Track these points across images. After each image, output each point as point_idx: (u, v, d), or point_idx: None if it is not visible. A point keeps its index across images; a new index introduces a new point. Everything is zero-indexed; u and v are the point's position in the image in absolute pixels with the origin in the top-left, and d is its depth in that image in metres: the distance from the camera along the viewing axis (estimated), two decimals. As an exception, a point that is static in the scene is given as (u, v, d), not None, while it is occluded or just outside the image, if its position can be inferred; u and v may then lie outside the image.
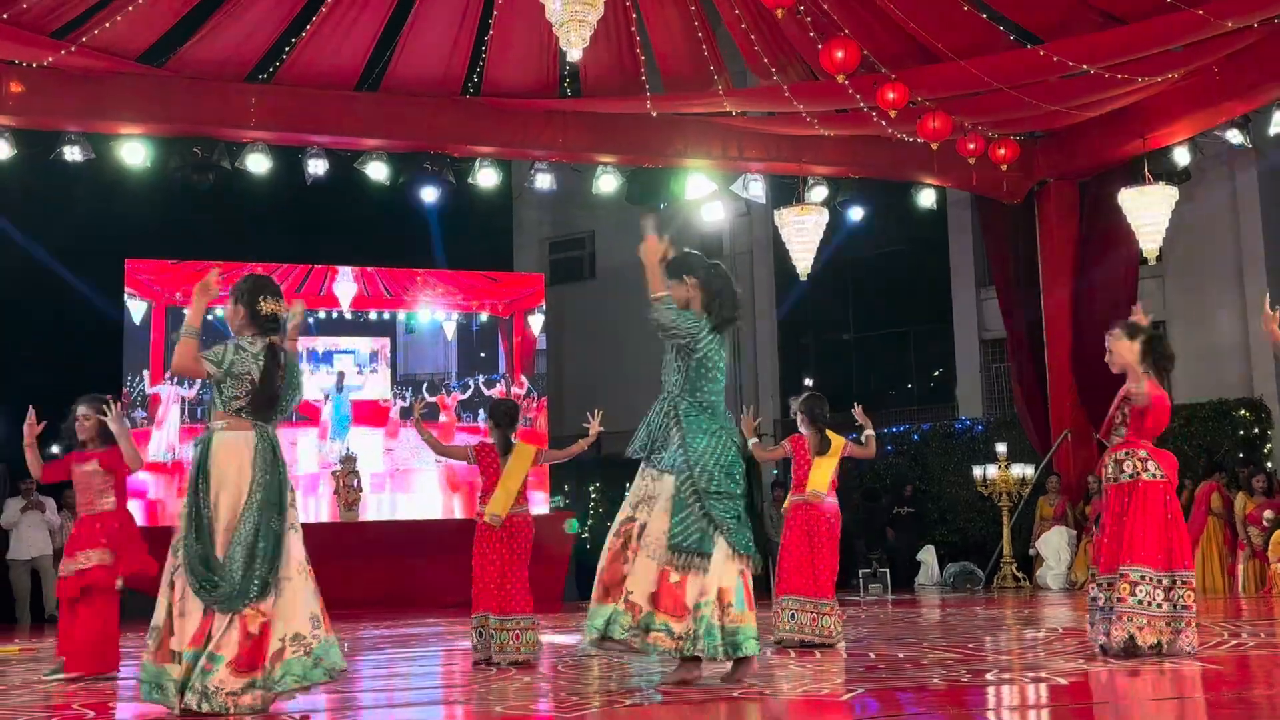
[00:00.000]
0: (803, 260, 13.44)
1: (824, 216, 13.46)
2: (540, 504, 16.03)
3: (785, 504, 7.38)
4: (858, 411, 7.44)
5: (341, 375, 15.56)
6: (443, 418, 15.84)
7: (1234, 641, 6.43)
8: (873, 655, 6.35)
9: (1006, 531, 14.08)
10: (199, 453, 4.59)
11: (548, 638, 8.69)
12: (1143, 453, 5.75)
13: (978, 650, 6.55)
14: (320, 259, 15.59)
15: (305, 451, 15.34)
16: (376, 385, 15.87)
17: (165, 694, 4.35)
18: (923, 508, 16.25)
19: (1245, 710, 4.04)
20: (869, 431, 7.40)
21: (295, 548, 4.55)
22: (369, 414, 15.75)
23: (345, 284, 15.62)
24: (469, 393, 16.16)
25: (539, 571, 13.77)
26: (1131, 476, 5.73)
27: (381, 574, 13.13)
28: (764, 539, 4.91)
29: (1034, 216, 14.65)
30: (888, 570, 15.07)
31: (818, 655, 6.51)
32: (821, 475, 7.14)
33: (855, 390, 18.36)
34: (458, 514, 15.31)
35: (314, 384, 15.20)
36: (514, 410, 6.88)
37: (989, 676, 5.13)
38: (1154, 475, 5.71)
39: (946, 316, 17.70)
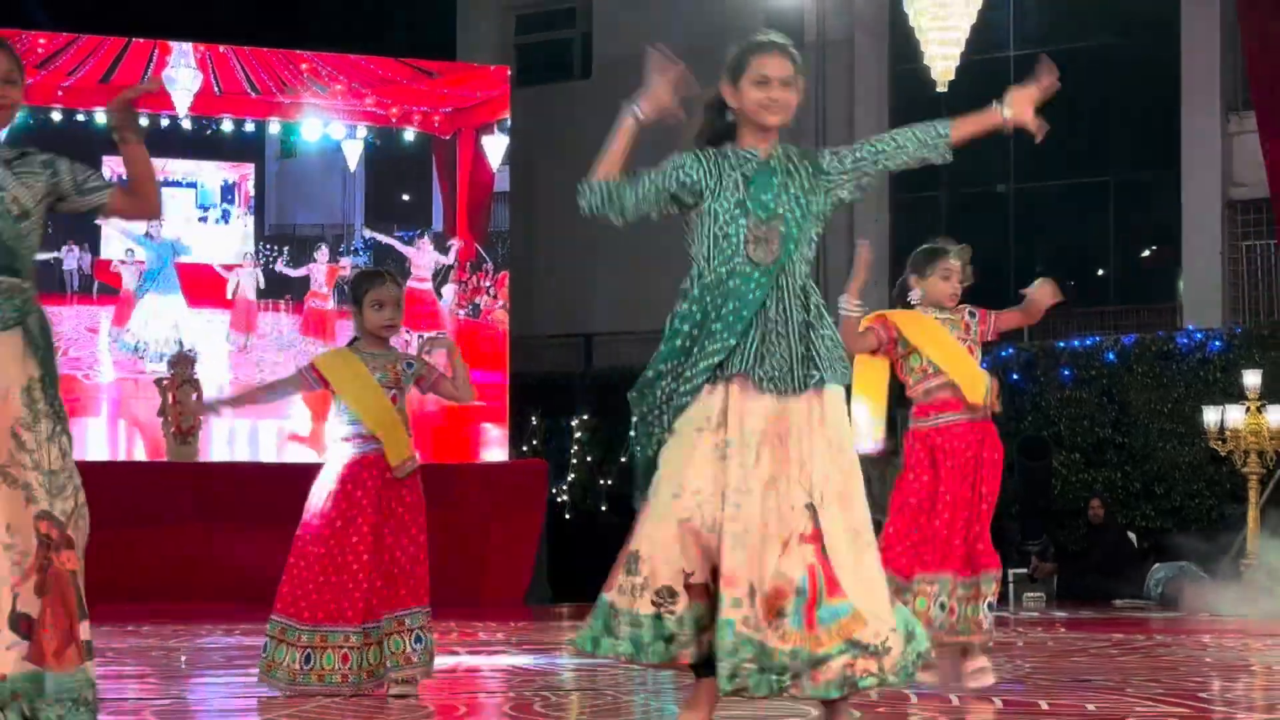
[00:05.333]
0: (943, 60, 13.44)
1: (980, -15, 13.50)
2: (495, 445, 15.97)
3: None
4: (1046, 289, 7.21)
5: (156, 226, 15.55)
6: (312, 302, 15.96)
7: None
8: (1044, 705, 6.41)
9: (1253, 514, 14.15)
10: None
11: (507, 659, 8.81)
12: None
13: (1210, 704, 6.63)
14: (144, 29, 15.49)
15: (103, 347, 15.36)
16: (229, 241, 15.70)
17: None
18: (1120, 471, 16.38)
19: None
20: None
21: None
22: (215, 288, 15.68)
23: (182, 72, 15.49)
24: (372, 259, 16.23)
25: (492, 556, 13.91)
26: None
27: (237, 549, 13.10)
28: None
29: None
30: (1055, 571, 15.18)
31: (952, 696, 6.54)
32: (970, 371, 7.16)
33: (1013, 275, 17.99)
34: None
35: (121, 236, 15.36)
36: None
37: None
38: None
39: (1170, 159, 17.65)
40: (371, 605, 6.66)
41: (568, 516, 17.54)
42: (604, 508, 17.88)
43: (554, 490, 16.54)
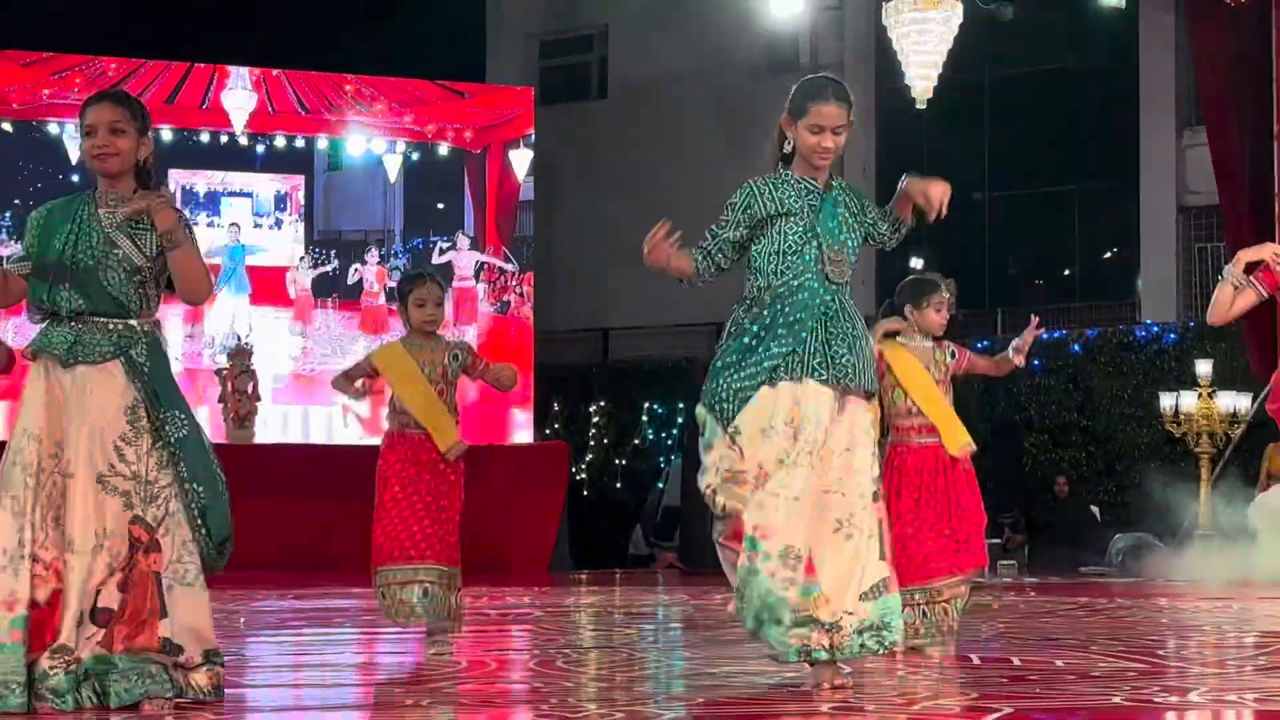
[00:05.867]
0: (922, 80, 13.42)
1: (957, 14, 13.38)
2: (522, 428, 16.00)
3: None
4: (1030, 331, 7.18)
5: (235, 228, 15.63)
6: (366, 300, 16.01)
7: None
8: (1017, 661, 6.40)
9: (1204, 491, 14.20)
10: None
11: (533, 619, 8.94)
12: None
13: (1166, 660, 6.65)
14: (203, 55, 15.53)
15: (173, 343, 15.41)
16: (282, 245, 15.83)
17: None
18: (1084, 451, 16.41)
19: None
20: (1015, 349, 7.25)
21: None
22: (271, 286, 15.80)
23: (239, 94, 15.56)
24: (410, 261, 16.28)
25: (519, 527, 13.96)
26: None
27: (289, 521, 13.23)
28: None
29: (1270, 23, 14.55)
30: (1025, 542, 15.28)
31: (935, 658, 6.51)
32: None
33: (988, 275, 18.06)
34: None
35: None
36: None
37: (1193, 697, 5.14)
38: None
39: (1130, 170, 17.61)
40: (434, 548, 6.57)
41: (585, 493, 17.59)
42: (618, 485, 17.95)
43: (574, 469, 16.57)
